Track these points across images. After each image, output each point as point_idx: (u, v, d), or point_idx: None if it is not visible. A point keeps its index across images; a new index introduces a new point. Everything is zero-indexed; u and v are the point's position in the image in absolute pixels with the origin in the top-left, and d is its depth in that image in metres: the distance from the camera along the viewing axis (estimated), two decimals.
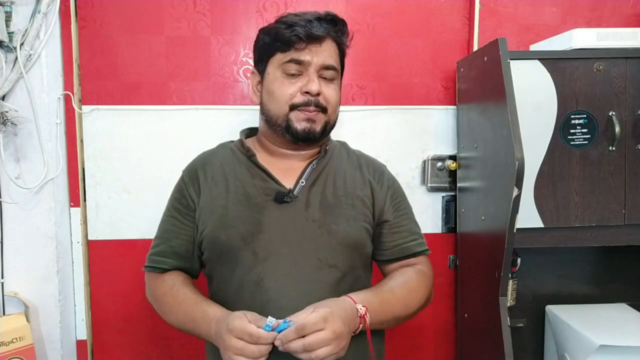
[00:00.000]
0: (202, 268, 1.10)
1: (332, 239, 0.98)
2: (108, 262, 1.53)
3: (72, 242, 1.49)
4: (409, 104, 1.59)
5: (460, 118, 1.56)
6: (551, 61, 1.30)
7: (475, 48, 1.56)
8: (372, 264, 1.12)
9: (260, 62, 1.07)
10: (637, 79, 1.31)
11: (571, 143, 1.32)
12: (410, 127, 1.59)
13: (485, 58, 1.32)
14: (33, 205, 1.43)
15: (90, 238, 1.52)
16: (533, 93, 1.30)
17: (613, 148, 1.31)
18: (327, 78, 1.02)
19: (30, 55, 1.38)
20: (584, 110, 1.31)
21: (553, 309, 1.48)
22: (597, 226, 1.33)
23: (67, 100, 1.45)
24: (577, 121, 1.31)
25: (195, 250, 1.06)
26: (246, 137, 1.15)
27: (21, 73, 1.36)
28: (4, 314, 1.42)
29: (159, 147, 1.51)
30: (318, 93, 1.00)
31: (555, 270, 1.58)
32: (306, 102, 1.00)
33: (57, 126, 1.44)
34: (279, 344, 0.83)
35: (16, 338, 1.34)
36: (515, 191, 1.16)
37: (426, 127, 1.60)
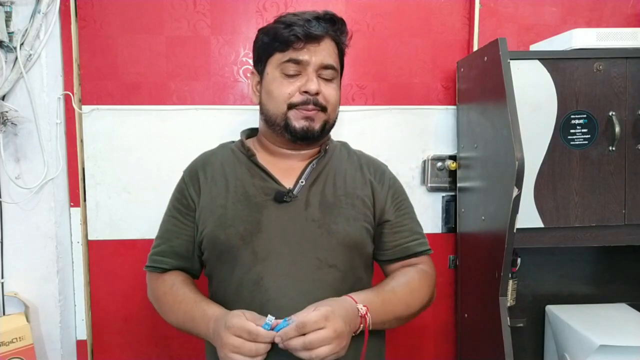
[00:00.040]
0: (203, 268, 1.10)
1: (332, 239, 0.98)
2: (108, 262, 1.53)
3: (72, 242, 1.49)
4: (409, 104, 1.59)
5: (460, 118, 1.56)
6: (551, 61, 1.30)
7: (475, 48, 1.56)
8: (374, 265, 1.12)
9: (259, 63, 1.07)
10: (637, 79, 1.31)
11: (571, 143, 1.32)
12: (410, 127, 1.59)
13: (485, 58, 1.32)
14: (33, 205, 1.43)
15: (90, 238, 1.52)
16: (533, 93, 1.30)
17: (613, 148, 1.31)
18: (326, 77, 1.02)
19: (30, 55, 1.38)
20: (584, 110, 1.31)
21: (553, 309, 1.48)
22: (597, 226, 1.33)
23: (67, 100, 1.45)
24: (577, 121, 1.31)
25: (195, 250, 1.06)
26: (247, 138, 1.15)
27: (21, 73, 1.36)
28: (4, 314, 1.42)
29: (159, 147, 1.51)
30: (317, 92, 1.00)
31: (555, 270, 1.58)
32: (305, 101, 1.00)
33: (57, 126, 1.44)
34: (279, 341, 0.82)
35: (16, 338, 1.34)
36: (515, 191, 1.16)
37: (426, 127, 1.60)
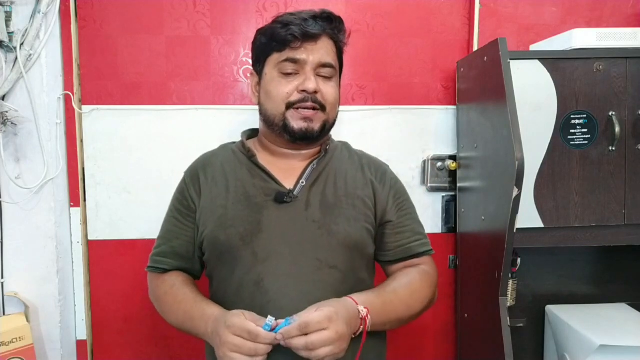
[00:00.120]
0: (204, 269, 1.10)
1: (332, 240, 0.98)
2: (108, 262, 1.52)
3: (72, 242, 1.49)
4: (409, 104, 1.59)
5: (460, 118, 1.56)
6: (551, 61, 1.30)
7: (475, 48, 1.56)
8: (375, 265, 1.12)
9: (257, 63, 1.08)
10: (637, 79, 1.31)
11: (571, 143, 1.32)
12: (410, 127, 1.59)
13: (485, 58, 1.32)
14: (33, 205, 1.43)
15: (90, 238, 1.52)
16: (533, 93, 1.30)
17: (613, 148, 1.31)
18: (325, 76, 1.02)
19: (30, 55, 1.38)
20: (584, 110, 1.31)
21: (553, 309, 1.48)
22: (597, 226, 1.33)
23: (67, 100, 1.45)
24: (577, 121, 1.31)
25: (196, 251, 1.06)
26: (247, 138, 1.15)
27: (21, 73, 1.36)
28: (4, 314, 1.42)
29: (159, 147, 1.51)
30: (315, 91, 0.99)
31: (555, 270, 1.58)
32: (303, 99, 1.00)
33: (57, 126, 1.44)
34: (280, 338, 0.82)
35: (16, 338, 1.34)
36: (515, 191, 1.16)
37: (426, 127, 1.60)
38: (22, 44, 1.35)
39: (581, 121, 1.31)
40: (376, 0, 1.55)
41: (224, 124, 1.52)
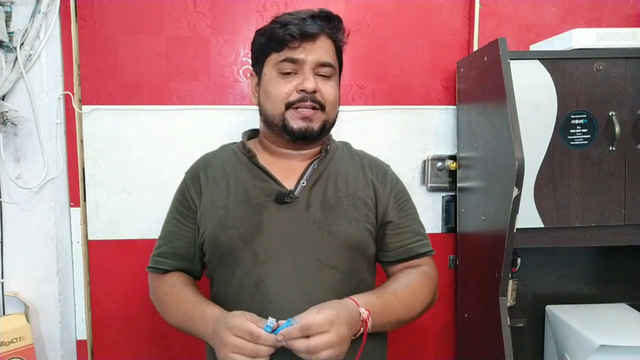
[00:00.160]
0: (205, 269, 1.10)
1: (333, 240, 0.98)
2: (108, 262, 1.52)
3: (72, 242, 1.49)
4: (409, 104, 1.59)
5: (460, 118, 1.56)
6: (551, 61, 1.30)
7: (475, 48, 1.56)
8: (376, 266, 1.12)
9: (257, 64, 1.08)
10: (637, 79, 1.31)
11: (571, 143, 1.32)
12: (410, 127, 1.59)
13: (485, 58, 1.32)
14: (33, 205, 1.43)
15: (90, 238, 1.52)
16: (533, 93, 1.30)
17: (613, 148, 1.31)
18: (324, 75, 1.02)
19: (30, 55, 1.38)
20: (584, 110, 1.31)
21: (553, 309, 1.48)
22: (597, 226, 1.33)
23: (67, 100, 1.45)
24: (577, 121, 1.31)
25: (196, 251, 1.06)
26: (248, 139, 1.15)
27: (21, 73, 1.36)
28: (4, 314, 1.42)
29: (159, 147, 1.51)
30: (314, 90, 0.99)
31: (555, 270, 1.58)
32: (302, 99, 0.99)
33: (57, 126, 1.44)
34: (281, 339, 0.82)
35: (16, 338, 1.34)
36: (515, 191, 1.16)
37: (426, 127, 1.60)
38: (22, 44, 1.35)
39: (581, 121, 1.31)
40: (376, 0, 1.55)
41: (224, 124, 1.52)
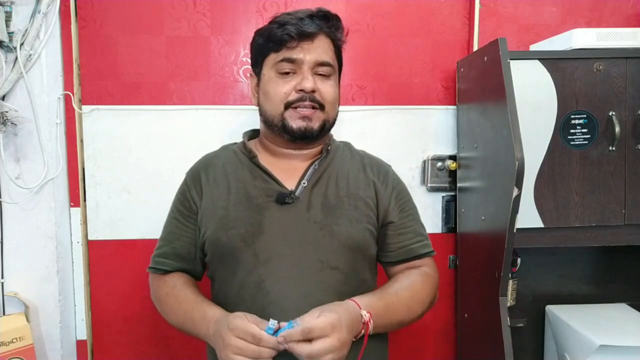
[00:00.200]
0: (205, 270, 1.10)
1: (334, 241, 0.98)
2: (108, 262, 1.52)
3: (72, 242, 1.49)
4: (409, 104, 1.59)
5: (460, 118, 1.56)
6: (551, 61, 1.30)
7: (475, 48, 1.56)
8: (377, 266, 1.11)
9: (256, 64, 1.08)
10: (637, 79, 1.31)
11: (571, 143, 1.32)
12: (410, 127, 1.59)
13: (485, 58, 1.32)
14: (33, 205, 1.43)
15: (90, 238, 1.52)
16: (533, 93, 1.30)
17: (613, 148, 1.31)
18: (323, 74, 1.02)
19: (30, 55, 1.37)
20: (584, 110, 1.31)
21: (553, 309, 1.49)
22: (597, 226, 1.33)
23: (67, 100, 1.45)
24: (577, 121, 1.31)
25: (197, 252, 1.06)
26: (249, 139, 1.15)
27: (21, 73, 1.36)
28: (4, 314, 1.42)
29: (159, 147, 1.51)
30: (313, 90, 0.99)
31: (555, 270, 1.58)
32: (301, 98, 0.99)
33: (57, 126, 1.44)
34: (282, 341, 0.82)
35: (16, 338, 1.33)
36: (515, 191, 1.16)
37: (426, 127, 1.60)
38: (22, 44, 1.35)
39: (581, 121, 1.31)
40: (376, 0, 1.56)
41: (224, 124, 1.52)
